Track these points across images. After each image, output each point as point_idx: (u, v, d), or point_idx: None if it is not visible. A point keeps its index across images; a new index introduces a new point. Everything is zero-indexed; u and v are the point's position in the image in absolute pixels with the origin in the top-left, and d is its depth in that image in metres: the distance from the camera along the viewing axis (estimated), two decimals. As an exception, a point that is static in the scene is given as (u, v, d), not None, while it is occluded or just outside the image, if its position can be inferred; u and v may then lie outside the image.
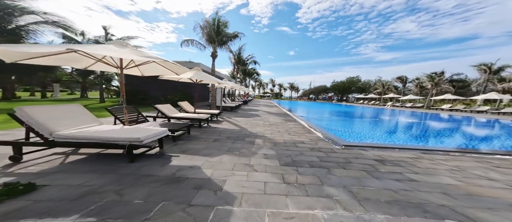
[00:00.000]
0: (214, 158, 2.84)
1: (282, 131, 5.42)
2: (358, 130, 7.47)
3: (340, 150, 3.60)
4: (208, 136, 4.35)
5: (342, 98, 50.92)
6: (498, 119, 13.64)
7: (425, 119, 13.14)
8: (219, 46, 10.76)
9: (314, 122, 8.68)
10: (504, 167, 2.92)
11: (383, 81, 39.55)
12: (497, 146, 5.80)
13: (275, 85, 60.68)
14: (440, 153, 3.63)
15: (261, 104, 20.65)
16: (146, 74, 4.24)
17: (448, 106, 22.30)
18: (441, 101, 25.36)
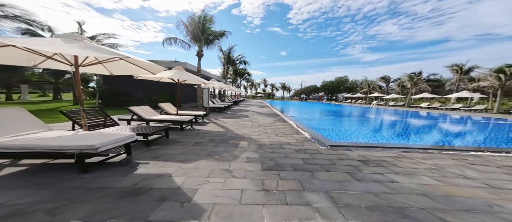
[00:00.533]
0: (190, 164, 2.61)
1: (270, 132, 5.28)
2: (345, 129, 7.52)
3: (326, 151, 3.51)
4: (189, 139, 4.10)
5: (331, 98, 52.19)
6: (470, 115, 14.54)
7: (406, 117, 13.68)
8: (205, 45, 10.26)
9: (303, 122, 8.65)
10: (478, 164, 2.97)
11: (368, 81, 41.07)
12: (471, 142, 6.08)
13: (267, 85, 60.63)
14: (419, 151, 3.66)
15: (252, 104, 20.47)
16: (116, 73, 3.85)
17: (426, 104, 23.51)
18: (420, 100, 26.72)
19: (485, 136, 7.10)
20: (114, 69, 3.72)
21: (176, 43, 10.02)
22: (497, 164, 2.97)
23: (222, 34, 10.40)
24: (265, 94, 59.45)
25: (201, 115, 6.32)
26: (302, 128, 5.86)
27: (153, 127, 3.89)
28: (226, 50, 17.78)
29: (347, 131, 7.05)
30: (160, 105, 6.17)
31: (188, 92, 16.12)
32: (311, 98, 56.25)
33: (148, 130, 3.53)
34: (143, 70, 3.82)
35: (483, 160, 3.16)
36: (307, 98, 56.67)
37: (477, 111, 17.57)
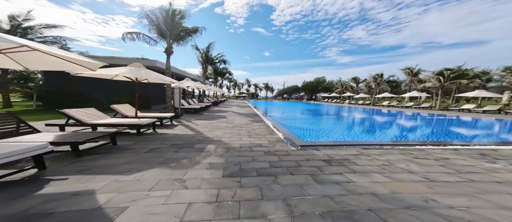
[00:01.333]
0: (131, 176, 2.27)
1: (244, 133, 5.11)
2: (318, 128, 7.81)
3: (295, 152, 3.50)
4: (145, 145, 3.67)
5: (311, 97, 54.82)
6: (419, 112, 16.73)
7: (371, 114, 15.05)
8: (175, 42, 9.17)
9: (281, 122, 8.73)
10: (421, 158, 3.28)
11: (342, 82, 44.30)
12: (418, 136, 6.87)
13: (251, 85, 60.36)
14: (376, 148, 3.92)
15: (234, 105, 20.08)
16: (34, 68, 3.09)
17: (386, 102, 26.37)
18: (382, 99, 29.81)
19: (429, 130, 8.16)
20: (29, 62, 2.94)
21: (140, 38, 8.69)
22: (435, 157, 3.33)
23: (195, 30, 9.41)
24: (248, 94, 59.08)
25: (168, 116, 5.76)
26: (278, 128, 5.86)
27: (98, 133, 3.35)
28: (204, 49, 16.71)
29: (320, 130, 7.31)
30: (113, 107, 5.43)
31: (161, 92, 14.87)
32: (293, 98, 58.12)
33: (82, 136, 3.00)
34: (80, 67, 3.15)
35: (425, 153, 3.51)
36: (289, 98, 58.40)
37: (424, 108, 20.33)
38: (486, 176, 2.49)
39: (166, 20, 8.51)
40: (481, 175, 2.52)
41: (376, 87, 29.78)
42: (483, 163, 2.97)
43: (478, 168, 2.80)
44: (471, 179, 2.41)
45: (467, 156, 3.36)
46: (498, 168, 2.78)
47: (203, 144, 3.82)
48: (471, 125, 9.64)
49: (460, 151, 3.68)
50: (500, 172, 2.62)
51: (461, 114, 14.55)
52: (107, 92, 10.89)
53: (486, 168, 2.76)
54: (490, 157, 3.27)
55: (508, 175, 2.52)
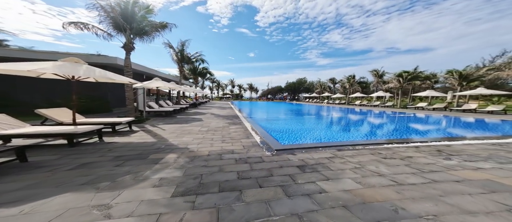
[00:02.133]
0: (16, 208, 1.64)
1: (217, 138, 4.64)
2: (297, 128, 7.73)
3: (270, 158, 3.19)
4: (74, 159, 2.97)
5: (294, 98, 56.38)
6: (384, 110, 18.38)
7: (345, 113, 15.94)
8: (138, 37, 7.92)
9: (261, 123, 8.46)
10: (388, 157, 3.27)
11: (321, 82, 46.61)
12: (385, 133, 7.28)
13: (235, 86, 58.88)
14: (349, 148, 3.87)
15: (215, 106, 19.20)
16: None
17: (358, 102, 28.55)
18: (355, 98, 32.18)
19: (393, 127, 8.83)
20: None
21: (89, 29, 7.14)
22: (400, 156, 3.37)
23: (164, 26, 8.25)
24: (233, 95, 57.82)
25: (124, 122, 4.93)
26: (256, 131, 5.52)
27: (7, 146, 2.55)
28: (178, 46, 15.29)
29: (299, 130, 7.22)
30: (40, 112, 4.42)
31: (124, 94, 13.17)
32: (277, 98, 58.97)
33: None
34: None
35: (392, 153, 3.55)
36: (273, 98, 59.11)
37: (388, 106, 22.52)
38: (446, 175, 2.52)
39: (125, 12, 7.24)
40: (442, 174, 2.55)
41: (350, 87, 32.03)
42: (441, 160, 3.08)
43: (437, 166, 2.86)
44: (433, 179, 2.40)
45: (427, 153, 3.49)
46: (454, 165, 2.88)
47: (162, 154, 3.24)
48: (425, 121, 10.80)
49: (421, 148, 3.84)
50: (457, 169, 2.70)
51: (416, 111, 16.39)
52: (45, 93, 9.01)
53: (445, 166, 2.84)
54: (445, 153, 3.45)
55: (464, 173, 2.59)
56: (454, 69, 20.89)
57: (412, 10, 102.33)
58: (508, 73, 17.25)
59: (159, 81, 9.07)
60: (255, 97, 60.29)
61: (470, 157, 3.22)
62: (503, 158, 3.11)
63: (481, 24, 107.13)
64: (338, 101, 33.23)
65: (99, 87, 9.81)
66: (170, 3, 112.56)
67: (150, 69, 15.43)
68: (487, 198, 1.93)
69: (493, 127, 8.21)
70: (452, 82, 21.08)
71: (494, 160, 3.02)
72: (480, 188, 2.15)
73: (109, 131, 4.91)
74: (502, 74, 17.76)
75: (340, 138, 5.84)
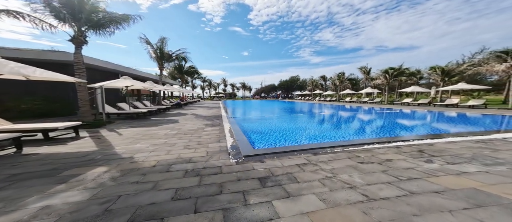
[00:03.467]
0: None
1: (181, 143, 4.08)
2: (280, 128, 7.29)
3: (230, 168, 2.69)
4: None
5: (287, 96, 56.22)
6: (373, 106, 18.44)
7: (334, 110, 15.78)
8: (93, 30, 6.87)
9: (243, 124, 7.97)
10: (366, 162, 2.87)
11: (313, 80, 46.69)
12: (368, 131, 7.00)
13: (227, 85, 57.54)
14: (327, 151, 3.45)
15: (203, 106, 18.41)
16: None
17: (348, 98, 28.72)
18: (345, 95, 32.41)
19: (378, 124, 8.62)
20: None
21: (24, 18, 5.82)
22: (379, 159, 2.98)
23: (126, 18, 7.14)
24: (226, 94, 56.71)
25: (60, 127, 4.17)
26: (233, 133, 5.02)
27: None
28: (157, 43, 14.15)
29: (281, 131, 6.79)
30: None
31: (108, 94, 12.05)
32: (270, 96, 58.62)
33: None
34: None
35: (371, 155, 3.16)
36: (266, 97, 58.71)
37: (376, 102, 22.72)
38: (426, 183, 2.13)
39: (70, 0, 6.22)
40: (421, 183, 2.16)
41: (340, 84, 32.17)
42: (421, 163, 2.71)
43: (417, 171, 2.48)
44: (410, 190, 1.99)
45: (408, 154, 3.13)
46: (436, 169, 2.52)
47: (87, 168, 2.66)
48: (409, 116, 10.74)
49: (402, 148, 3.49)
50: (438, 175, 2.33)
51: (402, 107, 16.51)
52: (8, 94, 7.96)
53: (425, 171, 2.47)
54: (427, 154, 3.11)
55: (446, 180, 2.22)
56: (437, 66, 21.35)
57: (398, 10, 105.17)
58: (487, 69, 17.76)
59: (128, 80, 8.21)
60: (248, 96, 59.63)
61: (453, 158, 2.89)
62: (488, 158, 2.80)
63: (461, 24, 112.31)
64: (330, 98, 33.35)
65: (58, 87, 8.86)
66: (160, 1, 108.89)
67: (126, 68, 14.25)
68: (471, 216, 1.54)
69: (475, 121, 8.19)
70: (435, 78, 21.54)
71: (479, 161, 2.69)
72: (463, 201, 1.76)
73: (41, 139, 4.17)
74: (481, 70, 18.28)
75: (323, 137, 5.45)
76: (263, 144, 4.61)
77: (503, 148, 3.21)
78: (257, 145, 4.53)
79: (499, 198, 1.77)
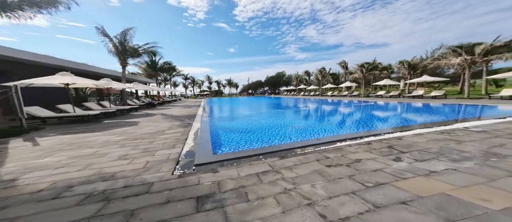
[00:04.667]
0: None
1: (118, 153, 3.30)
2: (255, 127, 6.81)
3: (168, 182, 2.10)
4: None
5: (274, 91, 56.24)
6: (351, 100, 19.18)
7: (315, 104, 15.93)
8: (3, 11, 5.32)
9: (218, 123, 7.32)
10: (334, 165, 2.51)
11: (297, 75, 47.31)
12: (345, 125, 6.91)
13: (212, 82, 55.12)
14: (297, 152, 3.04)
15: (180, 105, 16.98)
16: None
17: (330, 93, 29.70)
18: (327, 89, 33.52)
19: (355, 117, 8.73)
20: None
21: None
22: (349, 159, 2.65)
23: (50, 1, 5.78)
24: (211, 92, 54.45)
25: None
26: (197, 136, 4.36)
27: None
28: (118, 36, 12.13)
29: (257, 129, 6.31)
30: None
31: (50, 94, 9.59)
32: (258, 93, 58.11)
33: None
34: None
35: (341, 155, 2.83)
36: (254, 93, 58.07)
37: (354, 96, 23.84)
38: (393, 191, 1.80)
39: None
40: (388, 189, 1.82)
41: (322, 79, 33.07)
42: (390, 163, 2.44)
43: (386, 173, 2.18)
44: (375, 203, 1.63)
45: (378, 152, 2.87)
46: (404, 169, 2.25)
47: None
48: (383, 108, 11.23)
49: (373, 144, 3.25)
50: (407, 178, 2.04)
51: (377, 99, 17.45)
52: None
53: (394, 173, 2.17)
54: (396, 150, 2.89)
55: (414, 184, 1.92)
56: (404, 60, 23.06)
57: (372, 8, 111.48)
58: (445, 62, 19.73)
59: (67, 76, 6.73)
60: (235, 93, 58.29)
61: (421, 153, 2.69)
62: (454, 152, 2.66)
63: (423, 23, 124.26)
64: (313, 93, 34.14)
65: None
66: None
67: (76, 63, 12.02)
68: (447, 238, 1.19)
69: (438, 111, 8.78)
70: (403, 71, 23.28)
71: (446, 157, 2.51)
72: (433, 214, 1.44)
73: None
74: (441, 63, 20.24)
75: (299, 135, 5.10)
76: (229, 147, 4.05)
77: (466, 139, 3.17)
78: (223, 148, 3.96)
79: (472, 207, 1.49)
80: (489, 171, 2.02)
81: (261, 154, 3.06)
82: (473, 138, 3.20)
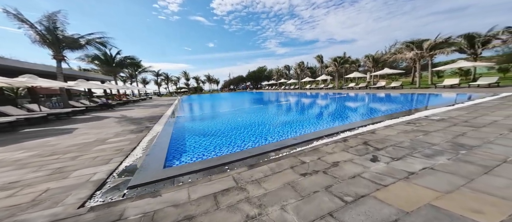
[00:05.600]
0: None
1: (7, 177, 2.26)
2: (229, 126, 6.17)
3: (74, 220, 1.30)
4: None
5: (256, 86, 55.60)
6: (327, 92, 20.18)
7: (295, 97, 16.14)
8: None
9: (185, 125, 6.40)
10: (310, 172, 2.10)
11: (277, 70, 47.67)
12: (322, 119, 6.85)
13: (190, 79, 50.75)
14: (269, 158, 2.57)
15: (147, 105, 14.91)
16: None
17: (308, 86, 30.90)
18: (306, 83, 34.80)
19: (330, 109, 8.93)
20: None
21: None
22: (326, 164, 2.30)
23: None
24: (190, 89, 50.41)
25: None
26: (148, 145, 3.46)
27: None
28: (43, 21, 9.35)
29: (230, 130, 5.68)
30: None
31: None
32: (240, 88, 56.61)
33: None
34: None
35: (317, 158, 2.47)
36: (235, 88, 56.38)
37: (330, 88, 25.31)
38: (376, 205, 1.46)
39: None
40: (370, 204, 1.48)
41: (301, 73, 34.04)
42: (368, 164, 2.17)
43: (365, 179, 1.87)
44: (361, 231, 1.24)
45: (354, 150, 2.61)
46: (383, 172, 1.98)
47: None
48: (354, 99, 11.95)
49: (349, 141, 3.02)
50: (387, 183, 1.76)
51: (348, 91, 18.75)
52: None
53: (373, 178, 1.88)
54: (372, 147, 2.69)
55: (396, 192, 1.64)
56: (369, 54, 25.40)
57: (342, 6, 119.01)
58: (400, 56, 22.51)
59: None
60: (217, 89, 55.55)
61: (396, 150, 2.53)
62: (425, 145, 2.58)
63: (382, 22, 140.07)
64: (293, 86, 34.98)
65: None
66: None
67: None
68: None
69: (399, 100, 9.69)
70: (368, 65, 25.67)
71: (419, 152, 2.39)
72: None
73: None
74: (398, 57, 23.01)
75: (274, 134, 4.69)
76: (192, 156, 3.33)
77: (430, 129, 3.23)
78: (183, 157, 3.22)
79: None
80: (465, 168, 1.90)
81: (227, 163, 2.49)
82: (436, 127, 3.28)
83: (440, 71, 22.79)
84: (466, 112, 4.33)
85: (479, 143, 2.46)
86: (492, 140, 2.53)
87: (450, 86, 12.75)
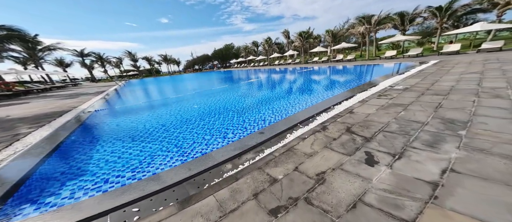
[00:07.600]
0: None
1: None
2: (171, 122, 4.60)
3: None
4: None
5: (224, 65, 50.28)
6: (295, 67, 20.08)
7: (263, 74, 15.10)
8: None
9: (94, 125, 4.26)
10: (284, 205, 1.20)
11: (245, 46, 43.87)
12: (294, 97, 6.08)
13: (137, 59, 39.67)
14: (211, 186, 1.49)
15: (53, 96, 10.52)
16: None
17: (277, 62, 30.24)
18: (274, 59, 33.90)
19: (300, 85, 8.47)
20: None
21: None
22: (306, 180, 1.45)
23: None
24: (141, 72, 40.29)
25: None
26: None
27: None
28: None
29: (173, 127, 4.18)
30: None
31: None
32: (206, 68, 50.07)
33: None
34: None
35: (293, 168, 1.59)
36: (201, 69, 49.55)
37: (297, 63, 25.53)
38: None
39: None
40: None
41: (269, 49, 32.45)
42: (366, 172, 1.46)
43: (370, 207, 1.11)
44: None
45: (339, 146, 1.90)
46: (392, 187, 1.30)
47: None
48: (321, 72, 12.04)
49: (328, 129, 2.30)
50: (407, 214, 1.04)
51: (314, 65, 19.23)
52: None
53: (382, 203, 1.14)
54: (359, 136, 2.06)
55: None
56: (329, 29, 26.24)
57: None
58: (354, 32, 24.39)
59: None
60: (179, 71, 47.22)
61: (389, 140, 1.96)
62: (415, 126, 2.15)
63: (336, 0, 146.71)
64: (262, 63, 33.51)
65: None
66: None
67: None
68: None
69: (357, 71, 10.25)
70: (328, 40, 26.81)
71: (417, 139, 1.89)
72: None
73: None
74: (352, 32, 24.86)
75: (235, 127, 3.60)
76: (79, 184, 1.85)
77: (404, 102, 2.93)
78: (55, 192, 1.73)
79: None
80: (485, 163, 1.42)
81: (126, 204, 1.28)
82: (409, 99, 3.01)
83: (380, 45, 26.41)
84: (420, 79, 4.48)
85: (466, 117, 2.13)
86: (475, 111, 2.24)
87: (390, 57, 14.74)
